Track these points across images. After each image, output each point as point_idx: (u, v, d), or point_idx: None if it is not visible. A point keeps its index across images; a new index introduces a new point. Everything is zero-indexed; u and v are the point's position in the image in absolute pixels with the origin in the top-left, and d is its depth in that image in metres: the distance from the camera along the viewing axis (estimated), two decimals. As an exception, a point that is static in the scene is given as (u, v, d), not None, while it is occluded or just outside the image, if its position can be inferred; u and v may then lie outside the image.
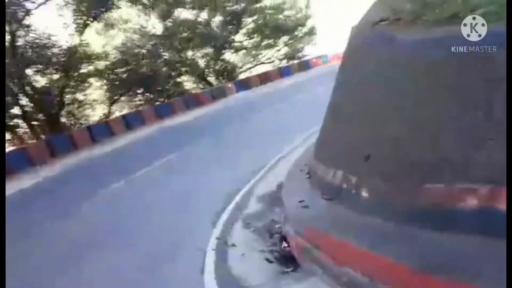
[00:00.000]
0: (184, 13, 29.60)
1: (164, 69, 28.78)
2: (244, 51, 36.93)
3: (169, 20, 28.40)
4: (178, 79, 31.17)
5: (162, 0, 26.85)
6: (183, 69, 31.68)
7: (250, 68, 38.07)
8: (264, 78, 30.35)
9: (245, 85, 28.89)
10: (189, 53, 31.46)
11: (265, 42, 36.83)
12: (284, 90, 24.55)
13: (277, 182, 7.84)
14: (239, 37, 34.99)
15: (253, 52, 37.34)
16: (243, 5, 32.21)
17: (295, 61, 35.24)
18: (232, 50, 35.25)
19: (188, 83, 33.49)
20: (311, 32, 35.84)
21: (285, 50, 38.76)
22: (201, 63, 33.30)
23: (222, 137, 14.51)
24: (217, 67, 33.92)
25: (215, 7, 30.03)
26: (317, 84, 20.90)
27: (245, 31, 35.39)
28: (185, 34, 29.10)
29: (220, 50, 32.94)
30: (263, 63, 37.72)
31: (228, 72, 34.34)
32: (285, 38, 37.25)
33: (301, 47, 37.04)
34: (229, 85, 28.89)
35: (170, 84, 29.84)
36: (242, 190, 7.98)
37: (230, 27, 31.69)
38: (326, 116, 6.25)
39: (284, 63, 37.79)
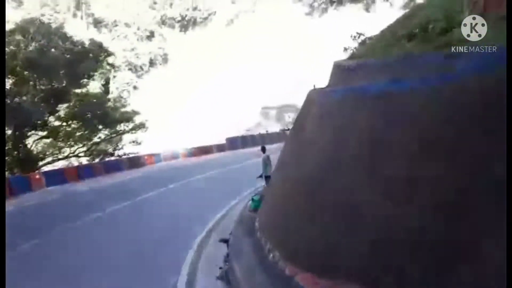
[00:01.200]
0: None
1: None
2: (51, 139, 30.44)
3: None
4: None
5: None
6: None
7: (58, 160, 31.32)
8: (85, 171, 24.72)
9: (58, 177, 22.58)
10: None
11: (80, 133, 31.49)
12: (115, 187, 19.95)
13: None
14: (50, 123, 28.79)
15: (61, 143, 31.16)
16: (62, 85, 27.09)
17: (124, 157, 30.79)
18: (38, 136, 28.42)
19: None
20: (138, 128, 32.80)
21: (104, 144, 34.10)
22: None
23: (46, 246, 9.14)
24: (14, 154, 26.16)
25: (26, 80, 24.03)
26: (155, 184, 17.33)
27: (58, 116, 29.60)
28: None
29: (23, 134, 25.85)
30: (76, 155, 31.65)
31: (29, 162, 26.84)
32: (106, 131, 32.92)
33: (127, 142, 33.21)
34: (36, 175, 21.99)
35: None
36: None
37: (42, 105, 25.55)
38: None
39: (102, 157, 32.79)
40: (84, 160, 34.44)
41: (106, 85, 50.03)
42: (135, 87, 65.89)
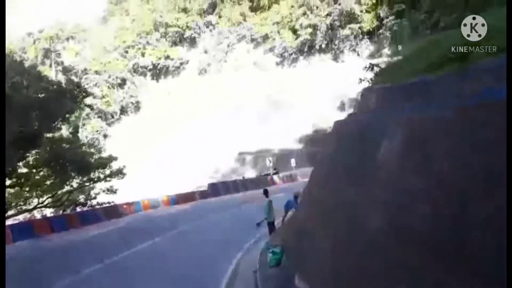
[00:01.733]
0: None
1: None
2: (17, 189, 27.59)
3: None
4: None
5: None
6: None
7: (23, 211, 28.30)
8: (57, 224, 22.08)
9: (26, 231, 19.88)
10: None
11: (51, 181, 28.79)
12: (92, 241, 17.55)
13: None
14: (17, 169, 26.14)
15: (28, 193, 28.30)
16: (34, 128, 24.83)
17: (98, 207, 28.08)
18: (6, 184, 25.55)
19: None
20: (116, 175, 30.42)
21: (75, 193, 31.41)
22: None
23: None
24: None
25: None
26: (142, 237, 15.08)
27: (26, 162, 27.03)
28: None
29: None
30: (45, 206, 28.71)
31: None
32: (78, 179, 30.32)
33: (100, 191, 30.60)
34: (2, 229, 19.22)
35: None
36: None
37: (12, 151, 23.05)
38: None
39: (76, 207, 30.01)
40: (49, 212, 31.40)
41: (75, 133, 47.34)
42: (105, 136, 63.59)
